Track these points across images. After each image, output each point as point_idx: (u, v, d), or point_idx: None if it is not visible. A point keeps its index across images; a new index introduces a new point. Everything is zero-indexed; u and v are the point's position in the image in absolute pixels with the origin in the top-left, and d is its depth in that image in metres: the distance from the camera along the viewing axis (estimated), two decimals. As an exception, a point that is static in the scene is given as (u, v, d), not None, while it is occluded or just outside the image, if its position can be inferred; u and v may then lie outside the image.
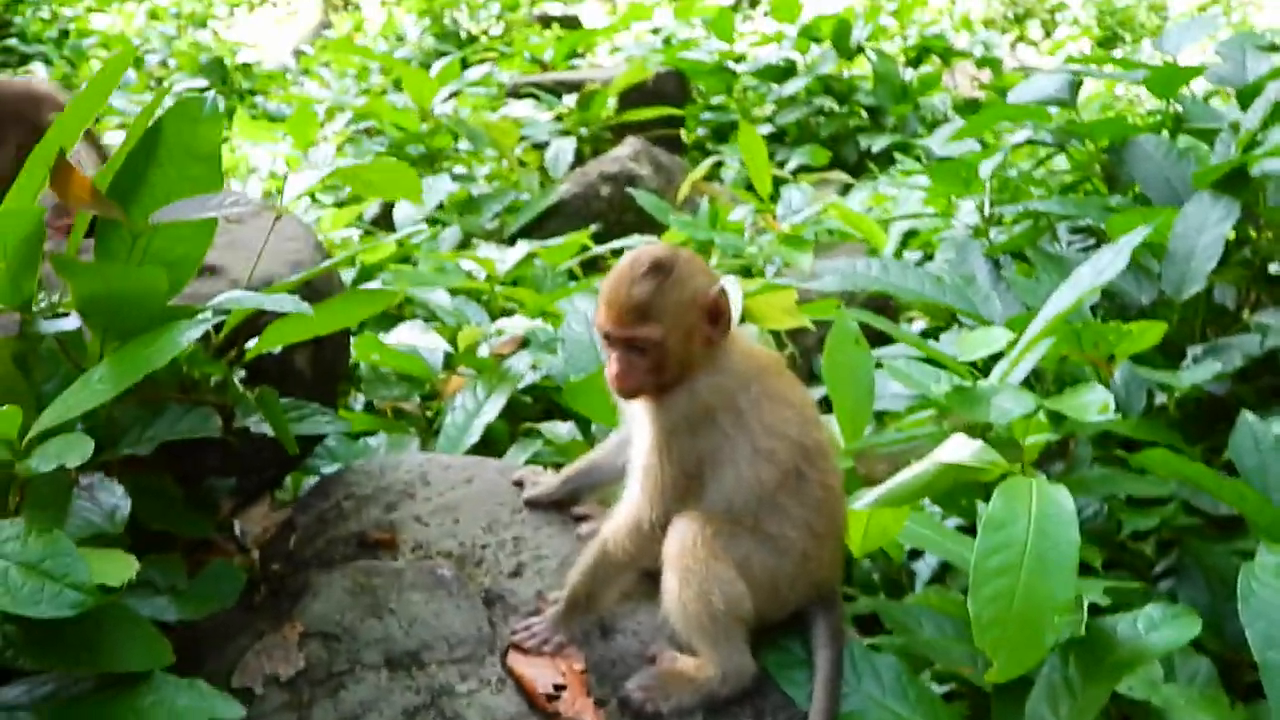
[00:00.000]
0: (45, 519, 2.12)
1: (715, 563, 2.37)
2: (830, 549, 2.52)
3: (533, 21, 14.63)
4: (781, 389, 2.50)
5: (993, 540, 2.37)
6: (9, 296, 2.30)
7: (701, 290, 2.40)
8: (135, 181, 2.38)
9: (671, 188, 6.84)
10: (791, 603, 2.49)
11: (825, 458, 2.51)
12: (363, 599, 2.65)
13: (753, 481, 2.42)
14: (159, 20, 14.59)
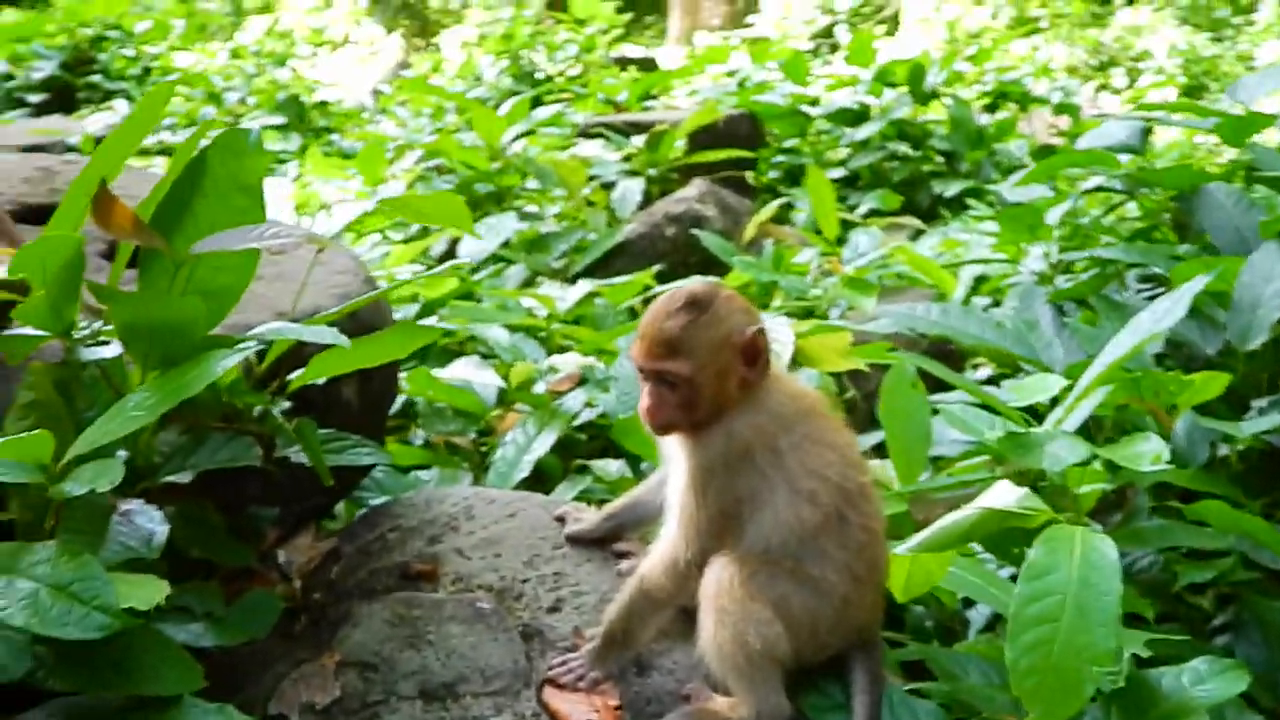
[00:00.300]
0: (80, 543, 2.14)
1: (752, 603, 2.34)
2: (871, 593, 2.49)
3: (610, 63, 14.75)
4: (824, 431, 2.48)
5: (1033, 587, 2.32)
6: (50, 324, 2.33)
7: (737, 329, 2.39)
8: (179, 211, 2.41)
9: (738, 229, 6.84)
10: (830, 646, 2.45)
11: (868, 501, 2.48)
12: (401, 630, 2.65)
13: (792, 523, 2.39)
14: (241, 59, 14.92)
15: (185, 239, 2.40)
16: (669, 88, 11.96)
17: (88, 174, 2.36)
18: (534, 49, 14.18)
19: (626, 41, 18.58)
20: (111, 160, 2.41)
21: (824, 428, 2.49)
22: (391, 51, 20.49)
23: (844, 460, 2.46)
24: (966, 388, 3.54)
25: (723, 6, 25.01)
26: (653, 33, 28.72)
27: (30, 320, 2.35)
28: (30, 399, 2.32)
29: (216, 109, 11.57)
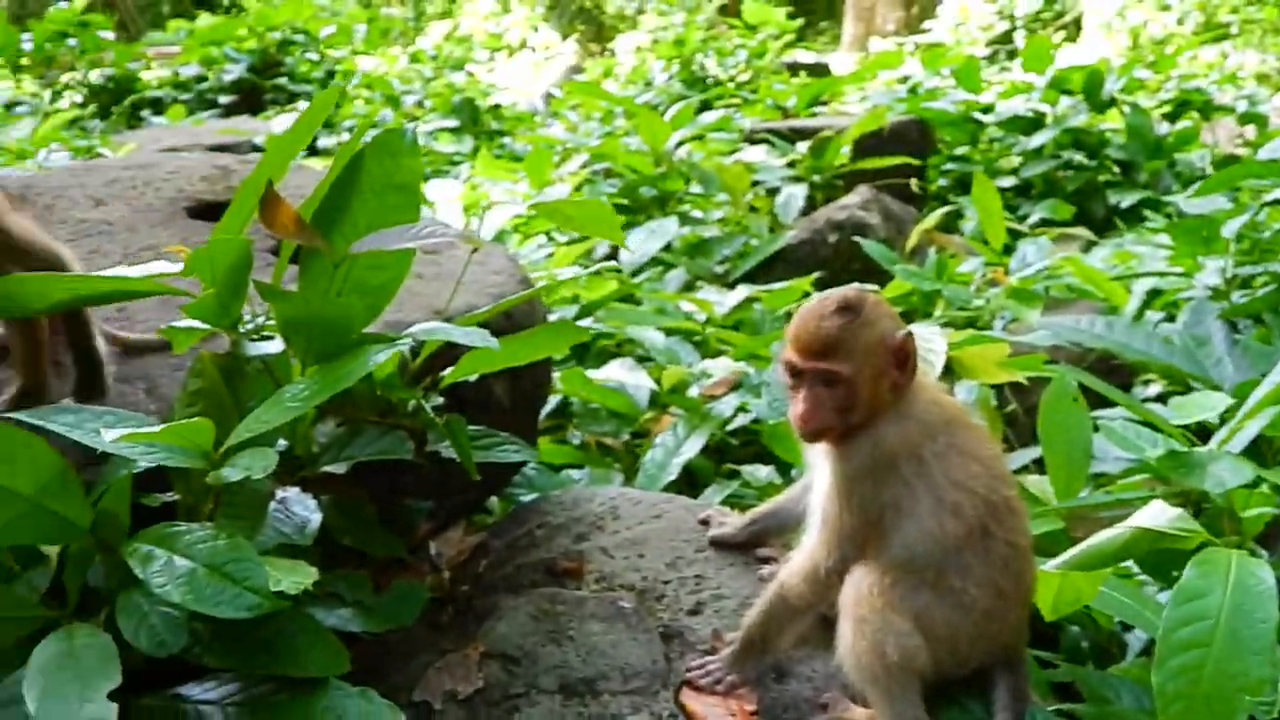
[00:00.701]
0: (238, 527, 2.24)
1: (891, 614, 2.32)
2: (1015, 609, 2.44)
3: (780, 69, 14.71)
4: (970, 442, 2.44)
5: (1184, 611, 2.26)
6: (218, 319, 2.43)
7: (889, 333, 2.37)
8: (338, 211, 2.49)
9: (902, 237, 6.76)
10: (972, 660, 2.41)
11: (1014, 516, 2.43)
12: (544, 625, 2.70)
13: (935, 533, 2.36)
14: (420, 63, 15.29)
15: (343, 238, 2.48)
16: (839, 94, 11.87)
17: (257, 175, 2.45)
18: (705, 54, 14.22)
19: (799, 47, 18.51)
20: (279, 161, 2.50)
21: (969, 438, 2.45)
22: (566, 56, 20.78)
23: (989, 473, 2.42)
24: (1128, 404, 3.45)
25: (898, 12, 24.77)
26: (826, 38, 28.56)
27: (199, 315, 2.46)
28: (197, 387, 2.43)
29: (394, 111, 11.88)
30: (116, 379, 2.75)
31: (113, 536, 2.17)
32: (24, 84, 13.83)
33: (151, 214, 3.47)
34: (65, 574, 2.18)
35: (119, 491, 2.18)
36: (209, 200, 3.64)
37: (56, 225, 3.37)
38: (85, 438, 2.21)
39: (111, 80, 13.46)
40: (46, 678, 1.91)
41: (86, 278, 2.49)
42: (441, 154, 10.22)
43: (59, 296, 2.43)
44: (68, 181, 3.60)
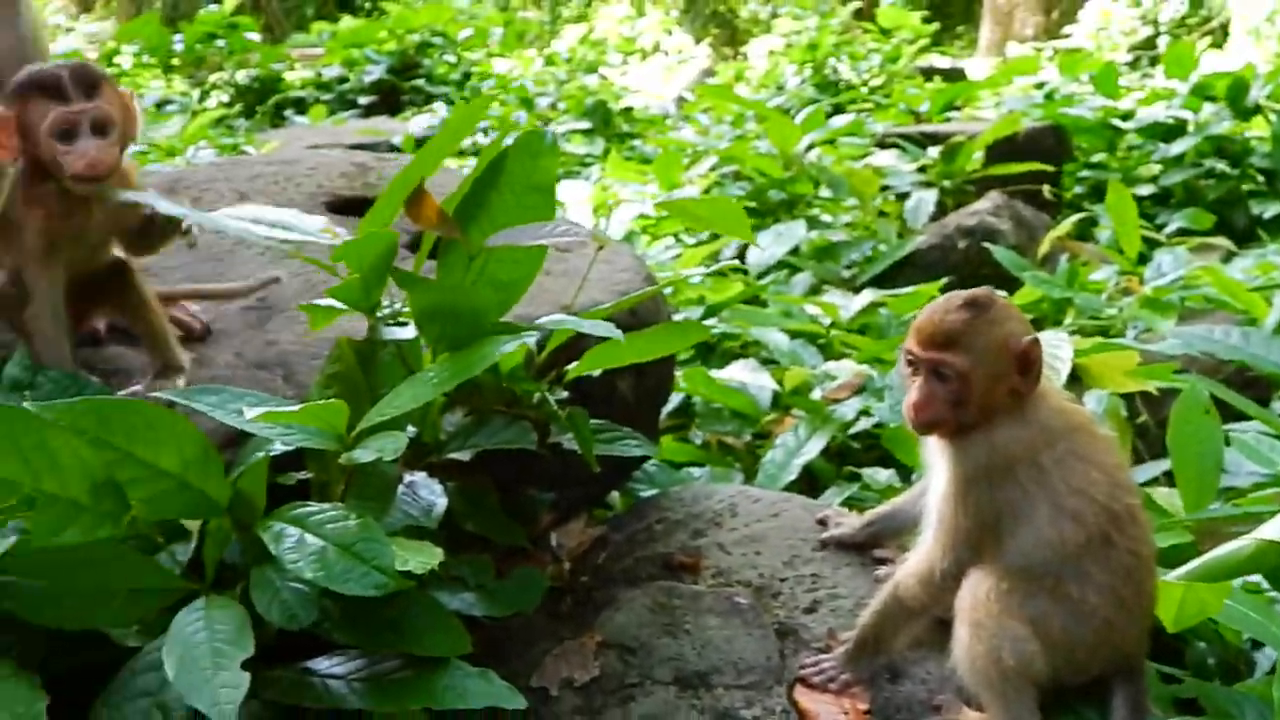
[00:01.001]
0: (367, 508, 2.32)
1: (1008, 618, 2.32)
2: (1136, 620, 2.42)
3: (915, 73, 14.57)
4: (1092, 450, 2.42)
5: (1310, 627, 2.22)
6: (358, 302, 2.52)
7: (1015, 336, 2.37)
8: (477, 208, 2.56)
9: (1034, 244, 6.67)
10: (1090, 669, 2.40)
11: (1136, 525, 2.41)
12: (661, 617, 2.74)
13: (1054, 540, 2.35)
14: (554, 66, 15.48)
15: (480, 232, 2.55)
16: (973, 99, 11.73)
17: (406, 173, 2.54)
18: (838, 58, 14.16)
19: (934, 52, 18.31)
20: (429, 162, 2.58)
21: (1092, 446, 2.43)
22: (699, 60, 20.83)
23: (1111, 481, 2.40)
24: (1261, 416, 3.37)
25: (1037, 16, 24.36)
26: (963, 43, 28.19)
27: (342, 297, 2.56)
28: (334, 370, 2.52)
29: (528, 113, 12.05)
30: (254, 365, 2.87)
31: (249, 514, 2.26)
32: (174, 84, 14.33)
33: (292, 208, 3.58)
34: (205, 548, 2.28)
35: (256, 472, 2.27)
36: (347, 195, 3.76)
37: (204, 218, 3.50)
38: (227, 417, 2.31)
39: (257, 80, 13.88)
40: (184, 646, 2.01)
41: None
42: (573, 155, 10.35)
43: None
44: (214, 176, 3.74)
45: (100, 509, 2.06)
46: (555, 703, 2.59)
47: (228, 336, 2.98)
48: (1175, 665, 3.34)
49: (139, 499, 2.10)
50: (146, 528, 2.16)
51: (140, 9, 23.40)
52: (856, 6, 22.44)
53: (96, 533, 2.05)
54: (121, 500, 2.09)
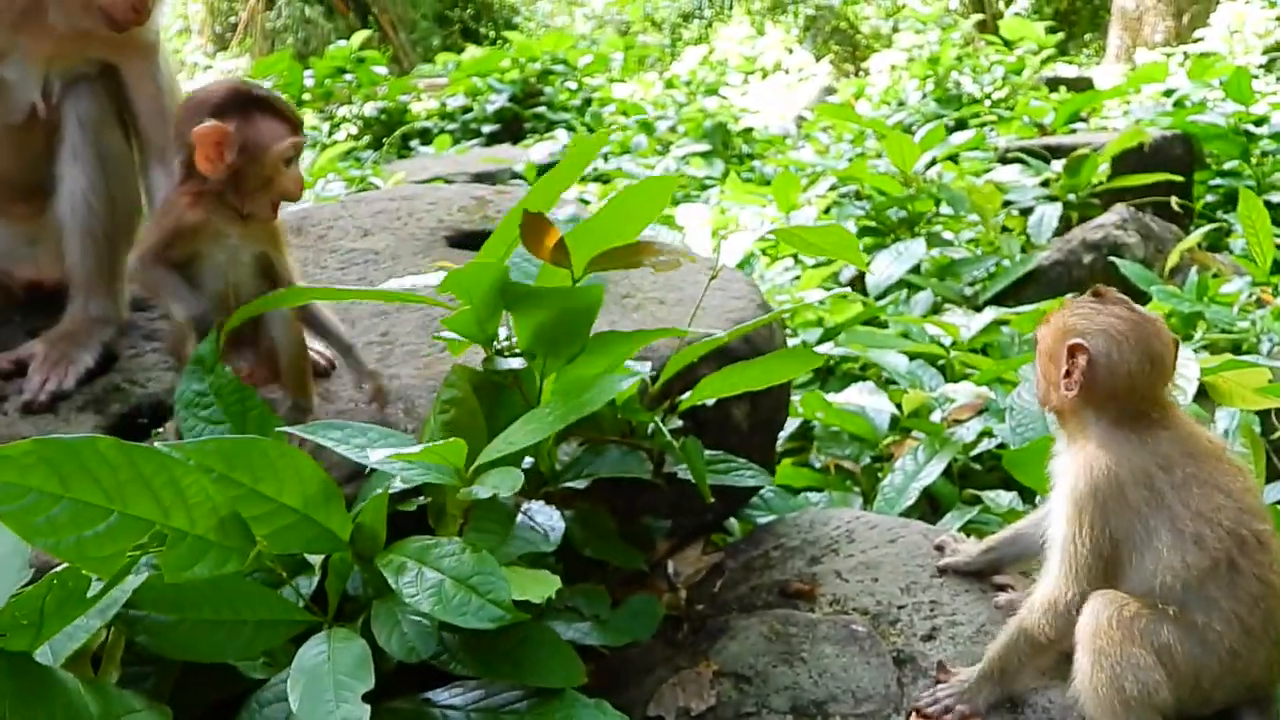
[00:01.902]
0: (486, 540, 2.37)
1: (1131, 646, 2.28)
2: (1265, 648, 2.36)
3: (1040, 84, 14.33)
4: (1216, 475, 2.38)
5: None
6: (475, 333, 2.59)
7: (1075, 332, 2.41)
8: (590, 240, 2.59)
9: (1162, 257, 6.51)
10: (1216, 700, 2.35)
11: (1265, 552, 2.35)
12: (777, 646, 2.75)
13: (1177, 566, 2.31)
14: (674, 89, 15.56)
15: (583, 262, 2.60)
16: (1099, 109, 11.50)
17: (523, 204, 2.59)
18: (960, 72, 14.00)
19: (1060, 61, 17.99)
20: (545, 194, 2.63)
21: (1217, 471, 2.39)
22: (820, 78, 20.73)
23: (1238, 506, 2.35)
24: (1398, 433, 3.27)
25: (1167, 21, 23.74)
26: (1091, 51, 27.65)
27: (457, 328, 2.62)
28: (451, 395, 2.59)
29: (648, 137, 12.12)
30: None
31: (369, 548, 2.32)
32: (306, 118, 14.70)
33: (414, 242, 3.69)
34: (327, 582, 2.35)
35: (377, 507, 2.33)
36: (467, 230, 3.84)
37: (328, 254, 3.62)
38: (351, 454, 2.39)
39: (384, 113, 14.17)
40: (307, 678, 2.07)
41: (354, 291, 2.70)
42: (694, 178, 10.39)
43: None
44: (339, 213, 3.86)
45: (226, 544, 2.13)
46: (672, 731, 2.61)
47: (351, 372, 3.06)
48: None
49: (263, 534, 2.17)
50: (271, 562, 2.22)
51: (274, 45, 24.08)
52: (980, 19, 22.20)
53: (224, 567, 2.12)
54: (247, 535, 2.16)
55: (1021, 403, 3.80)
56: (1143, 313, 2.48)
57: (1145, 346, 2.43)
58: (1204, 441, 2.45)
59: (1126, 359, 2.39)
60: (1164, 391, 2.48)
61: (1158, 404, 2.45)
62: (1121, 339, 2.41)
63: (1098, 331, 2.42)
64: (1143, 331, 2.43)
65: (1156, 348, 2.44)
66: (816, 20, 28.40)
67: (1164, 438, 2.39)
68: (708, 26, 28.60)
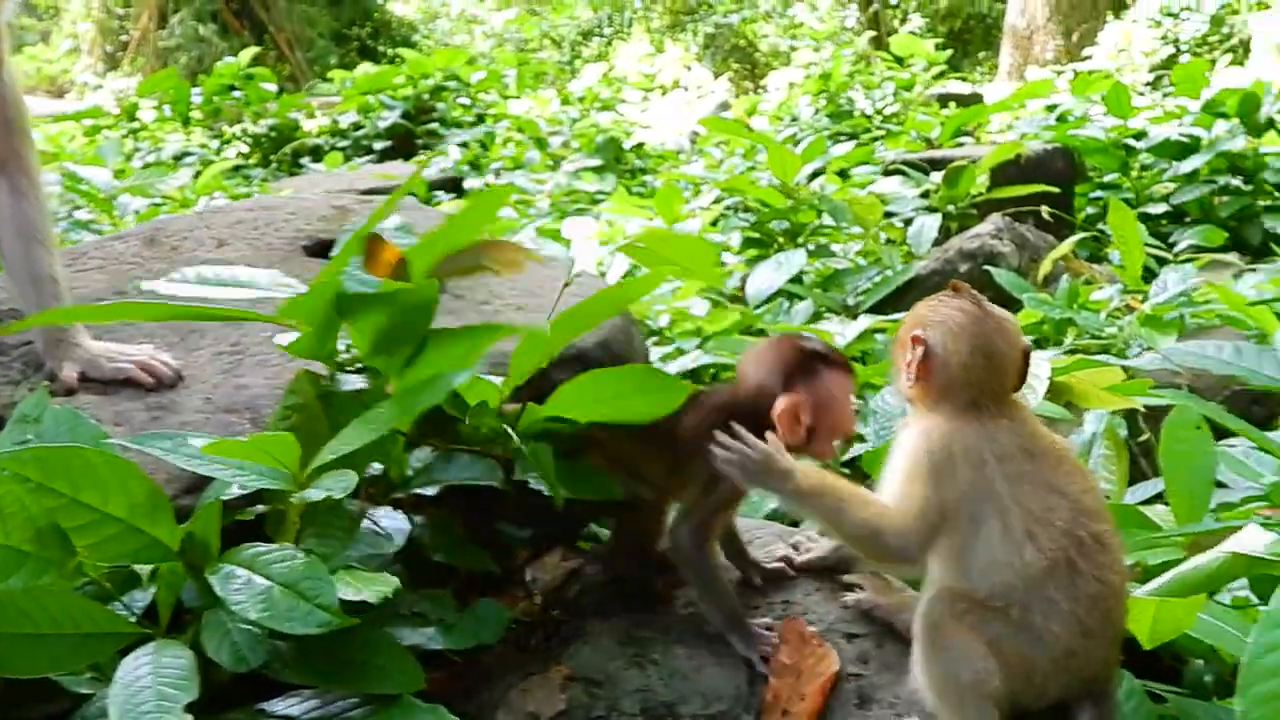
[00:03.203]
0: (325, 545, 2.33)
1: (964, 637, 2.30)
2: (1103, 646, 2.39)
3: (932, 101, 14.57)
4: (1055, 476, 2.40)
5: (1271, 637, 2.16)
6: (315, 353, 2.56)
7: (918, 324, 2.47)
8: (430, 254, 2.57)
9: (1037, 266, 6.64)
10: (1051, 694, 2.37)
11: (1106, 552, 2.38)
12: (629, 649, 2.74)
13: (1014, 565, 2.32)
14: (569, 105, 15.58)
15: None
16: (985, 124, 11.72)
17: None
18: (852, 88, 14.19)
19: (953, 78, 18.30)
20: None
21: (1055, 472, 2.40)
22: (718, 95, 20.89)
23: (1076, 507, 2.37)
24: (1242, 430, 3.34)
25: (1057, 40, 24.28)
26: (984, 68, 28.20)
27: (297, 352, 2.59)
28: (293, 402, 2.54)
29: (541, 153, 12.12)
30: (224, 409, 2.89)
31: (201, 557, 2.27)
32: (194, 136, 14.51)
33: (271, 253, 3.63)
34: (157, 593, 2.29)
35: (208, 515, 2.28)
36: (326, 239, 3.78)
37: (182, 265, 3.54)
38: (180, 460, 2.33)
39: (274, 130, 14.03)
40: (128, 692, 2.02)
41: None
42: (584, 193, 10.40)
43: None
44: (194, 224, 3.79)
45: (43, 555, 2.08)
46: (521, 738, 2.58)
47: (198, 382, 3.00)
48: (1173, 684, 3.31)
49: (85, 545, 2.12)
50: (96, 574, 2.17)
51: (166, 64, 23.75)
52: (874, 36, 22.54)
53: (40, 578, 2.07)
54: (66, 546, 2.10)
55: (884, 405, 3.83)
56: (989, 310, 2.50)
57: (982, 342, 2.44)
58: (1045, 441, 2.47)
59: (960, 351, 2.42)
60: (1006, 389, 2.50)
61: (1000, 401, 2.46)
62: (959, 332, 2.44)
63: (938, 324, 2.45)
64: (983, 328, 2.46)
65: (996, 345, 2.46)
66: (715, 38, 28.67)
67: (1004, 431, 2.41)
68: (608, 44, 28.73)
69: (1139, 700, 2.98)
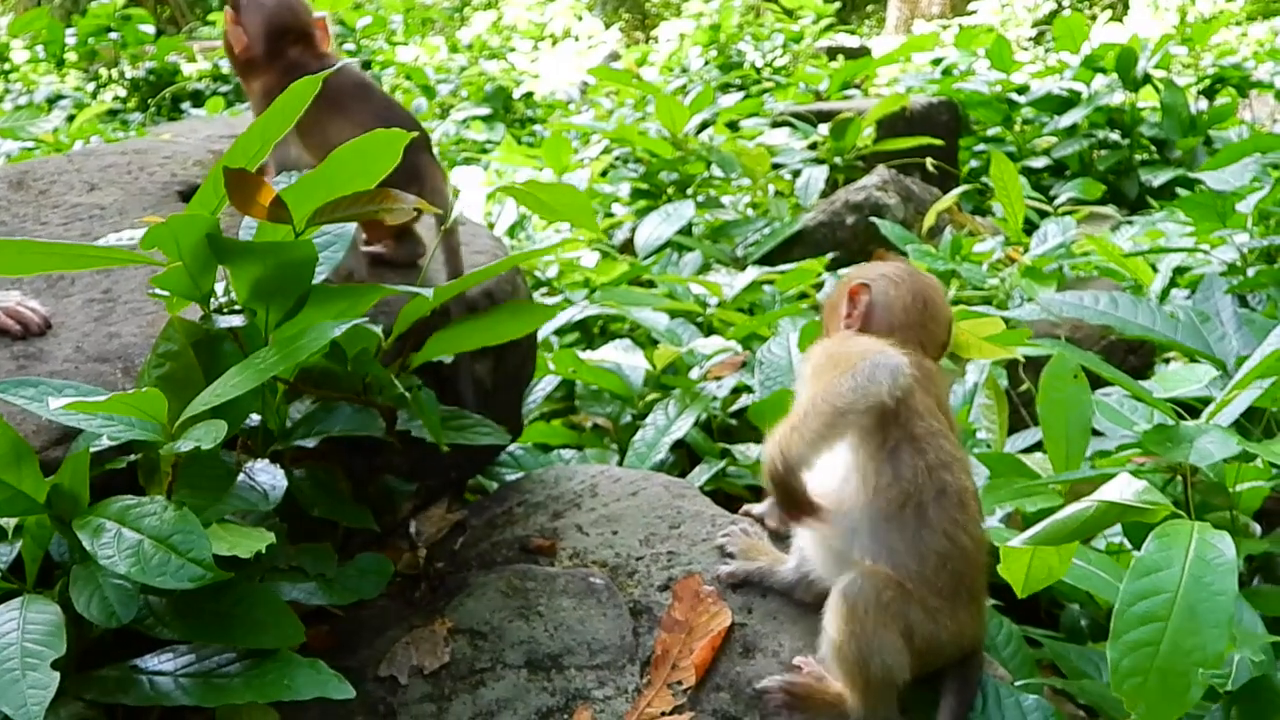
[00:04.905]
0: (199, 498, 2.27)
1: (883, 630, 2.32)
2: (976, 613, 2.46)
3: (820, 54, 14.60)
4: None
5: (1141, 585, 2.22)
6: (189, 290, 2.46)
7: (856, 278, 2.62)
8: (311, 192, 2.47)
9: (921, 218, 6.70)
10: (936, 665, 2.42)
11: (963, 510, 2.42)
12: (514, 601, 2.73)
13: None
14: (458, 54, 15.33)
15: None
16: (872, 76, 11.77)
17: (230, 156, 2.47)
18: (742, 40, 14.15)
19: (842, 31, 18.35)
20: (250, 149, 2.49)
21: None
22: (608, 45, 20.71)
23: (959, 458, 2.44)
24: (1115, 379, 3.40)
25: (943, -7, 24.48)
26: (873, 22, 28.37)
27: (169, 286, 2.48)
28: (167, 349, 2.44)
29: (429, 101, 11.92)
30: (95, 359, 2.79)
31: (70, 510, 2.20)
32: (68, 79, 14.01)
33: (144, 198, 3.51)
34: (23, 547, 2.22)
35: (76, 466, 2.20)
36: (200, 184, 3.67)
37: (50, 210, 3.42)
38: (42, 410, 2.25)
39: (152, 74, 13.58)
40: (-8, 647, 1.95)
41: (61, 246, 2.53)
42: (473, 142, 10.25)
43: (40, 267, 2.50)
44: (64, 167, 3.65)
45: (-103, 509, 2.00)
46: (404, 691, 2.56)
47: (68, 330, 2.90)
48: (1051, 628, 3.40)
49: (-57, 498, 2.04)
50: (-45, 528, 2.09)
51: (39, 3, 22.87)
52: (763, -13, 22.51)
53: (-104, 534, 1.98)
54: (-78, 500, 2.02)
55: (770, 356, 3.86)
56: (918, 269, 2.71)
57: (920, 289, 2.61)
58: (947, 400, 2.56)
59: (902, 296, 2.56)
60: (938, 342, 2.65)
61: (931, 355, 2.58)
62: (899, 281, 2.60)
63: (878, 276, 2.60)
64: (919, 280, 2.63)
65: (932, 295, 2.63)
66: (606, -13, 28.40)
67: (927, 371, 2.49)
68: (497, -9, 28.32)
69: (1017, 645, 3.06)
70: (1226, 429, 3.05)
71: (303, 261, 2.40)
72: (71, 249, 2.47)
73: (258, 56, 3.24)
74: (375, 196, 2.51)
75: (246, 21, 3.23)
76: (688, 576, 2.71)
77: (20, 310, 2.91)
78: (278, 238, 2.44)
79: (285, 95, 2.44)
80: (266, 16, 3.22)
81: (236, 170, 2.39)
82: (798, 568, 2.63)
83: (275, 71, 3.20)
